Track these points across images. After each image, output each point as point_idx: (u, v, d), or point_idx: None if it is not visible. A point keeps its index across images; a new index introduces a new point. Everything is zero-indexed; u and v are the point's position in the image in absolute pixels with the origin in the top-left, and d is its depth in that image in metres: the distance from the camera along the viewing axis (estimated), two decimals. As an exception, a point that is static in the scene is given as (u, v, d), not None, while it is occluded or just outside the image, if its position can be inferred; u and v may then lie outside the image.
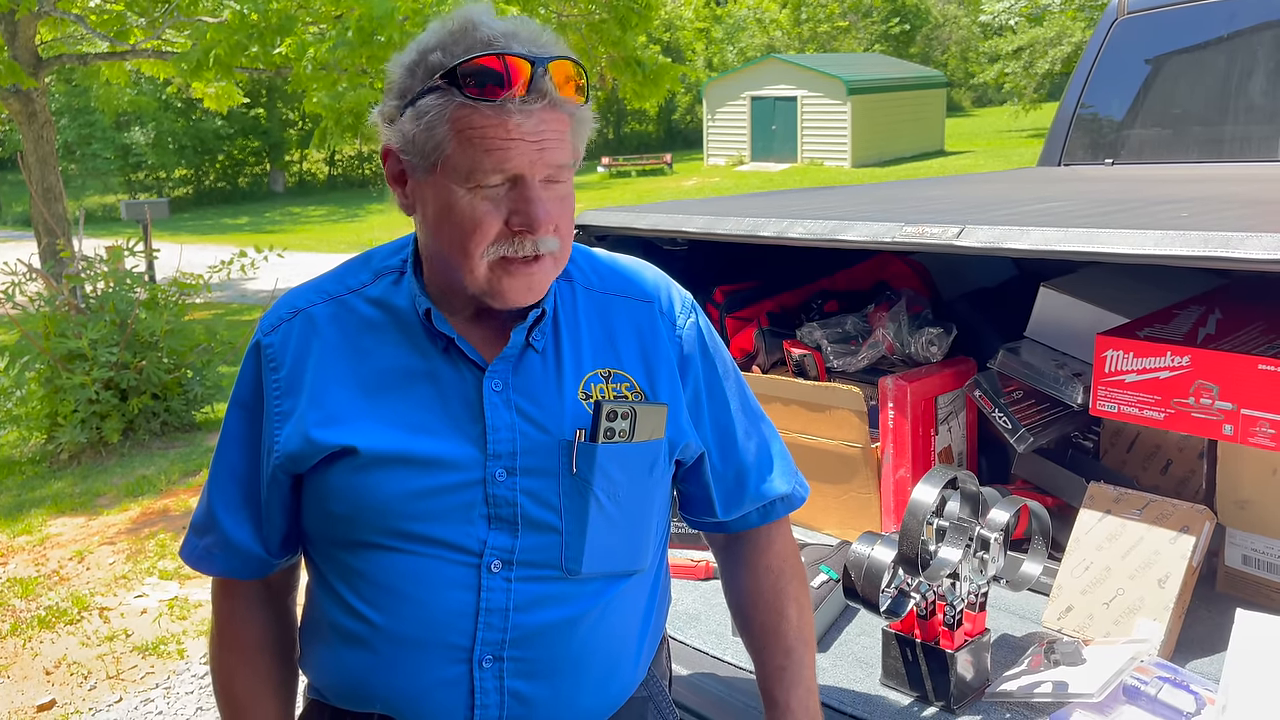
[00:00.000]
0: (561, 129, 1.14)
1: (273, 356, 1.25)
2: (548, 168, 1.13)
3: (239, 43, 8.64)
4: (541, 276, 1.18)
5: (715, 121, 26.63)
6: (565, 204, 1.17)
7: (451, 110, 1.11)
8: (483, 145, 1.11)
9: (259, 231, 19.42)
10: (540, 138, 1.12)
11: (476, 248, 1.14)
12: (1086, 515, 1.77)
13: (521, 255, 1.15)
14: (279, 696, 1.34)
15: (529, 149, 1.11)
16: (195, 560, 1.31)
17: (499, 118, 1.10)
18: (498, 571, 1.19)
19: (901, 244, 1.73)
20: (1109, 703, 1.45)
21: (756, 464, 1.37)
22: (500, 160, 1.11)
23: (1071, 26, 23.89)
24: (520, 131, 1.10)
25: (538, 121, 1.11)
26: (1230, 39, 3.11)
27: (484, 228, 1.13)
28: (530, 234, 1.14)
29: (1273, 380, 1.60)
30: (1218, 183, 2.49)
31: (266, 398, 1.24)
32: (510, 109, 1.10)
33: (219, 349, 7.13)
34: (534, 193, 1.13)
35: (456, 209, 1.14)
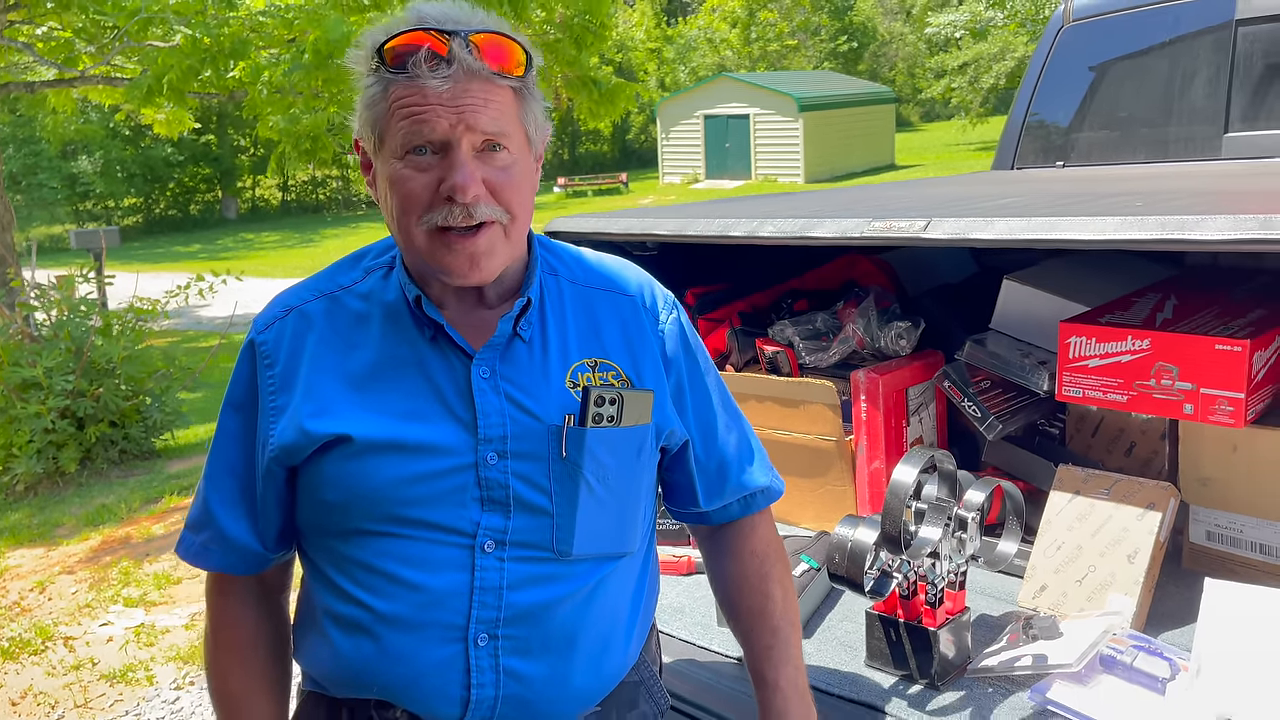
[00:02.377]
0: (490, 98, 1.17)
1: (267, 354, 1.27)
2: (475, 134, 1.16)
3: (191, 67, 8.56)
4: (486, 248, 1.19)
5: (669, 140, 26.83)
6: (509, 173, 1.20)
7: (385, 89, 1.17)
8: (403, 114, 1.16)
9: (212, 258, 19.21)
10: (459, 104, 1.15)
11: (410, 216, 1.18)
12: (1056, 497, 1.82)
13: (456, 225, 1.17)
14: (273, 694, 1.34)
15: (447, 114, 1.15)
16: (192, 556, 1.32)
17: (415, 86, 1.15)
18: (491, 551, 1.22)
19: (870, 238, 1.78)
20: (1087, 672, 1.49)
21: (737, 456, 1.41)
22: (418, 126, 1.15)
23: (1014, 41, 24.45)
24: (438, 98, 1.15)
25: (459, 90, 1.15)
26: (1172, 44, 3.22)
27: (414, 195, 1.17)
28: (457, 199, 1.16)
29: (1230, 359, 1.67)
30: (1165, 179, 2.58)
31: (261, 394, 1.26)
32: (420, 75, 1.14)
33: (178, 375, 7.03)
34: (458, 157, 1.16)
35: (392, 181, 1.19)
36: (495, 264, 1.22)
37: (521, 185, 1.22)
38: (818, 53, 37.89)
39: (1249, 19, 2.99)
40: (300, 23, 8.56)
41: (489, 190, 1.18)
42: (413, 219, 1.18)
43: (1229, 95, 3.07)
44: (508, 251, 1.23)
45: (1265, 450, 1.74)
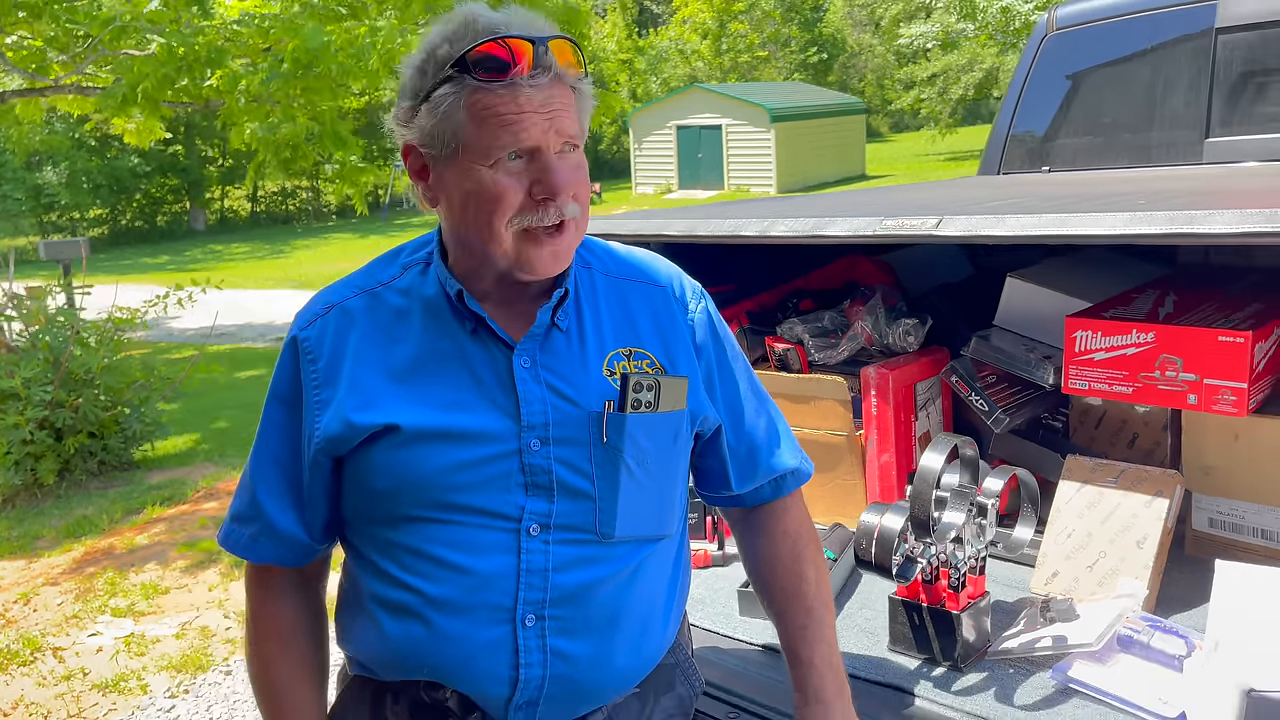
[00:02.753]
0: (568, 101, 1.23)
1: (310, 349, 1.30)
2: (560, 137, 1.21)
3: (167, 76, 8.51)
4: (566, 244, 1.25)
5: (642, 151, 26.92)
6: (580, 172, 1.25)
7: (465, 96, 1.20)
8: (498, 122, 1.19)
9: (180, 270, 18.98)
10: (550, 109, 1.20)
11: (501, 220, 1.21)
12: (1065, 486, 1.88)
13: (545, 224, 1.22)
14: (315, 681, 1.37)
15: (540, 120, 1.19)
16: (242, 549, 1.34)
17: (510, 94, 1.19)
18: (536, 535, 1.25)
19: (883, 237, 1.83)
20: (1105, 652, 1.54)
21: (766, 440, 1.45)
22: (516, 133, 1.19)
23: (982, 53, 24.83)
24: (532, 105, 1.19)
25: (546, 95, 1.20)
26: (1154, 51, 3.32)
27: (508, 199, 1.21)
28: (552, 201, 1.21)
29: (1232, 351, 1.73)
30: (1153, 181, 2.66)
31: (305, 388, 1.29)
32: (519, 84, 1.18)
33: (157, 385, 6.97)
34: (551, 161, 1.21)
35: (480, 186, 1.21)
36: (570, 258, 1.28)
37: (588, 181, 1.28)
38: (788, 64, 38.24)
39: (1228, 27, 3.09)
40: (276, 31, 8.54)
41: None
42: (503, 221, 1.21)
43: (1209, 102, 3.16)
44: (576, 244, 1.29)
45: (1266, 438, 1.80)
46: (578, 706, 1.30)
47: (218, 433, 7.71)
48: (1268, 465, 1.81)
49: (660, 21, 44.01)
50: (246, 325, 12.79)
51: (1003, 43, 15.08)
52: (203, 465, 6.81)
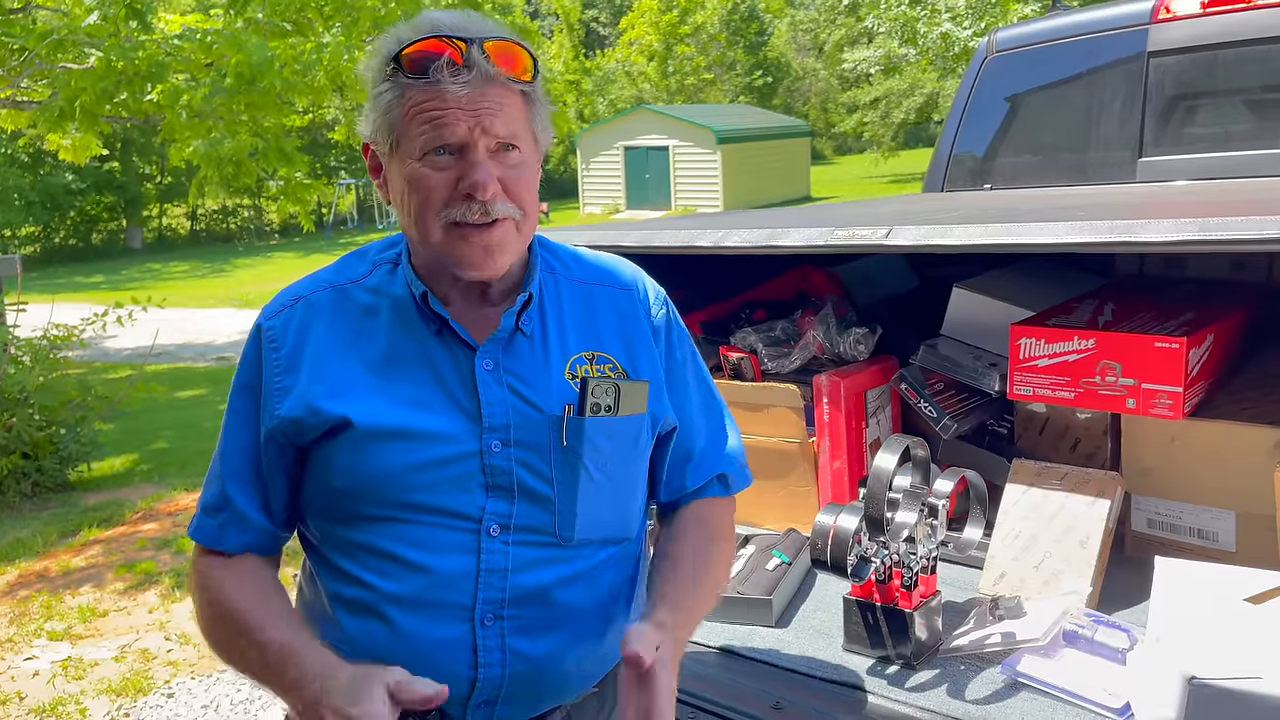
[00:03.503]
0: (504, 101, 1.23)
1: (273, 338, 1.31)
2: (491, 137, 1.23)
3: (105, 90, 8.36)
4: (500, 241, 1.25)
5: (590, 171, 27.02)
6: (520, 172, 1.26)
7: (402, 93, 1.23)
8: (424, 118, 1.22)
9: (116, 289, 18.56)
10: (476, 108, 1.21)
11: (429, 211, 1.23)
12: (1012, 489, 1.93)
13: (473, 220, 1.23)
14: (288, 602, 1.31)
15: (465, 117, 1.21)
16: (210, 538, 1.33)
17: (435, 91, 1.21)
18: (496, 535, 1.27)
19: (835, 247, 1.87)
20: (1052, 647, 1.59)
21: (703, 454, 1.46)
22: (439, 129, 1.21)
23: (923, 77, 25.41)
24: (457, 102, 1.21)
25: (476, 94, 1.21)
26: (1089, 74, 3.44)
27: (435, 192, 1.23)
28: (475, 196, 1.22)
29: (1168, 356, 1.80)
30: (1090, 197, 2.76)
31: (266, 375, 1.30)
32: (442, 81, 1.20)
33: (94, 405, 6.81)
34: (476, 158, 1.22)
35: (410, 180, 1.24)
36: (507, 258, 1.28)
37: (531, 184, 1.29)
38: (734, 87, 38.71)
39: (1159, 51, 3.21)
40: (219, 47, 8.43)
41: (503, 188, 1.24)
42: (431, 214, 1.23)
43: (1142, 123, 3.28)
44: (518, 247, 1.29)
45: (1201, 441, 1.87)
46: (537, 705, 1.31)
47: (157, 453, 7.55)
48: (1203, 467, 1.88)
49: (607, 43, 44.34)
50: (186, 345, 12.55)
51: (943, 68, 15.46)
52: (141, 486, 6.65)
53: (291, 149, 8.53)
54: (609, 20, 46.42)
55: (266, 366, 1.30)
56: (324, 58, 8.08)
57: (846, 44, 27.32)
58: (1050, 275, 2.34)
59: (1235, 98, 3.28)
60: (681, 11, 37.01)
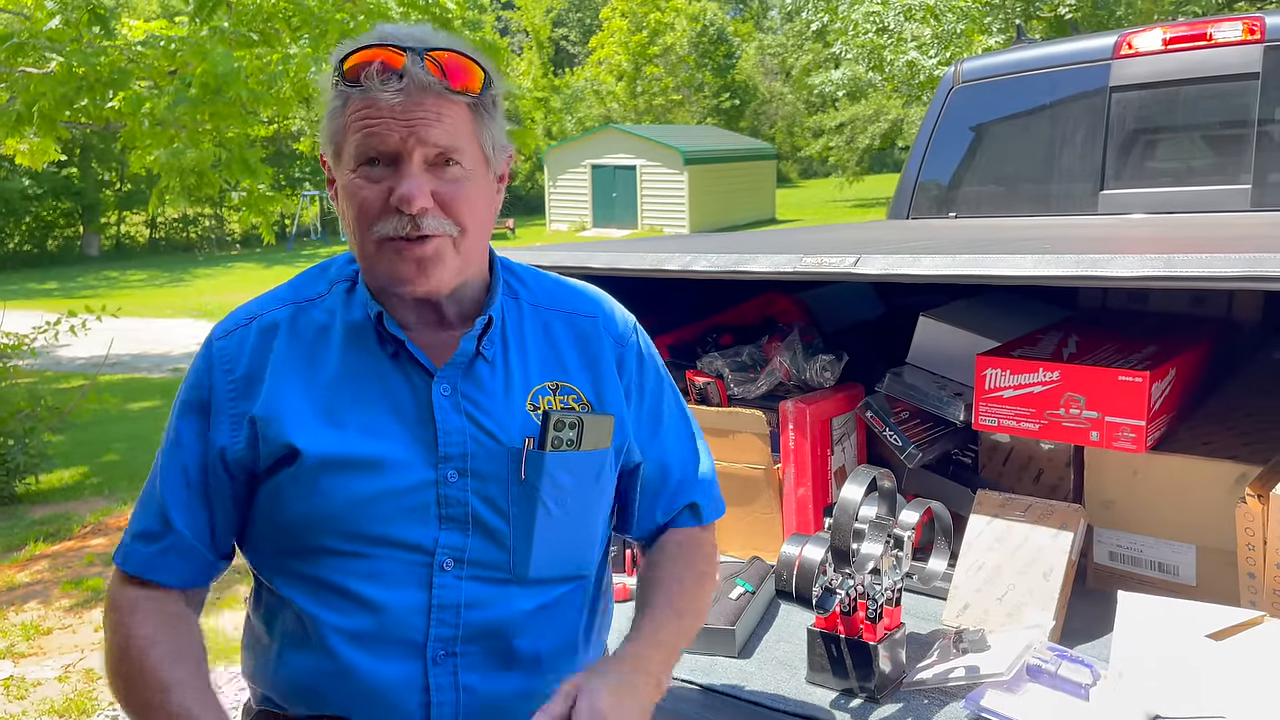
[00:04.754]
0: (444, 113, 1.19)
1: (227, 359, 1.26)
2: (426, 147, 1.18)
3: (65, 96, 8.22)
4: (434, 255, 1.20)
5: (556, 188, 27.02)
6: (459, 187, 1.21)
7: (344, 102, 1.20)
8: (358, 126, 1.19)
9: (71, 297, 18.19)
10: (410, 118, 1.17)
11: (362, 225, 1.20)
12: (976, 520, 1.93)
13: (404, 234, 1.18)
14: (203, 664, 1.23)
15: (398, 126, 1.17)
16: (144, 567, 1.25)
17: (368, 99, 1.18)
18: (449, 569, 1.23)
19: (803, 274, 1.86)
20: (1016, 682, 1.58)
21: (676, 483, 1.43)
22: (368, 138, 1.18)
23: (888, 104, 25.75)
24: (390, 111, 1.17)
25: (411, 104, 1.17)
26: (1053, 106, 3.48)
27: (367, 205, 1.19)
28: (404, 210, 1.17)
29: (1132, 390, 1.81)
30: (1054, 229, 2.78)
31: (218, 398, 1.25)
32: (371, 88, 1.17)
33: (44, 415, 6.65)
34: (407, 169, 1.18)
35: (346, 191, 1.21)
36: (445, 275, 1.22)
37: (473, 199, 1.23)
38: (701, 108, 38.97)
39: (1121, 86, 3.27)
40: (183, 55, 8.33)
41: (439, 203, 1.19)
42: (365, 228, 1.20)
43: (1104, 156, 3.33)
44: (458, 264, 1.23)
45: (1163, 474, 1.88)
46: None
47: (108, 466, 7.39)
48: (1165, 500, 1.89)
49: (576, 62, 44.48)
50: (141, 355, 12.32)
51: (908, 95, 15.68)
52: (90, 499, 6.50)
53: (255, 160, 8.42)
54: (579, 39, 46.60)
55: (218, 390, 1.25)
56: (290, 69, 8.00)
57: (814, 69, 27.63)
58: (1016, 306, 2.35)
59: (1195, 133, 3.34)
60: (651, 32, 37.25)
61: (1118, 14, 11.21)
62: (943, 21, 12.31)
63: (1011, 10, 11.56)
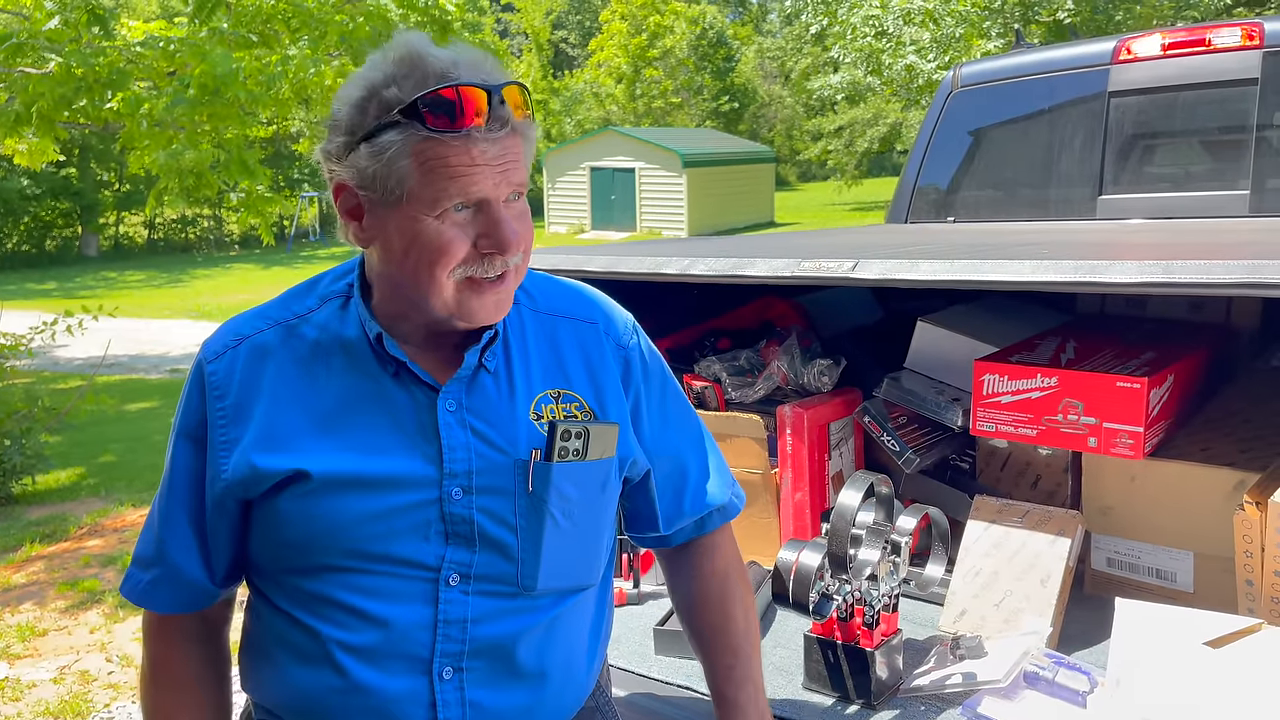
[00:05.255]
0: (520, 151, 1.18)
1: (217, 384, 1.24)
2: (511, 188, 1.17)
3: (64, 96, 8.21)
4: (507, 292, 1.21)
5: (555, 190, 27.02)
6: (525, 220, 1.21)
7: (413, 143, 1.12)
8: (448, 174, 1.13)
9: (69, 297, 18.17)
10: (503, 162, 1.15)
11: (444, 271, 1.16)
12: (973, 525, 1.92)
13: (490, 275, 1.18)
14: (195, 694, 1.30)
15: (493, 173, 1.14)
16: (139, 596, 1.27)
17: (464, 146, 1.12)
18: (455, 585, 1.21)
19: (800, 278, 1.86)
20: (1013, 689, 1.57)
21: (695, 479, 1.43)
22: (466, 187, 1.13)
23: (886, 107, 25.78)
24: (485, 158, 1.13)
25: (501, 147, 1.14)
26: (1052, 111, 3.49)
27: (452, 251, 1.15)
28: (500, 255, 1.17)
29: (1130, 396, 1.81)
30: (1053, 234, 2.78)
31: (211, 426, 1.23)
32: (476, 137, 1.12)
33: (41, 416, 6.64)
34: (500, 214, 1.16)
35: (424, 236, 1.15)
36: (511, 303, 1.24)
37: (531, 227, 1.23)
38: (700, 111, 39.00)
39: (1120, 91, 3.27)
40: (182, 56, 8.33)
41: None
42: (445, 271, 1.16)
43: (1102, 161, 3.33)
44: (516, 286, 1.25)
45: (1161, 481, 1.88)
46: None
47: (104, 466, 7.37)
48: (1163, 507, 1.88)
49: (576, 64, 44.49)
50: (139, 356, 12.31)
51: (906, 99, 15.70)
52: (87, 500, 6.49)
53: (254, 161, 8.42)
54: (578, 41, 46.63)
55: (211, 417, 1.23)
56: (289, 71, 7.99)
57: (813, 72, 27.67)
58: (1014, 311, 2.35)
59: (1193, 139, 3.34)
60: (650, 35, 37.27)
61: (1116, 19, 11.22)
62: (941, 26, 12.32)
63: (1010, 15, 11.57)
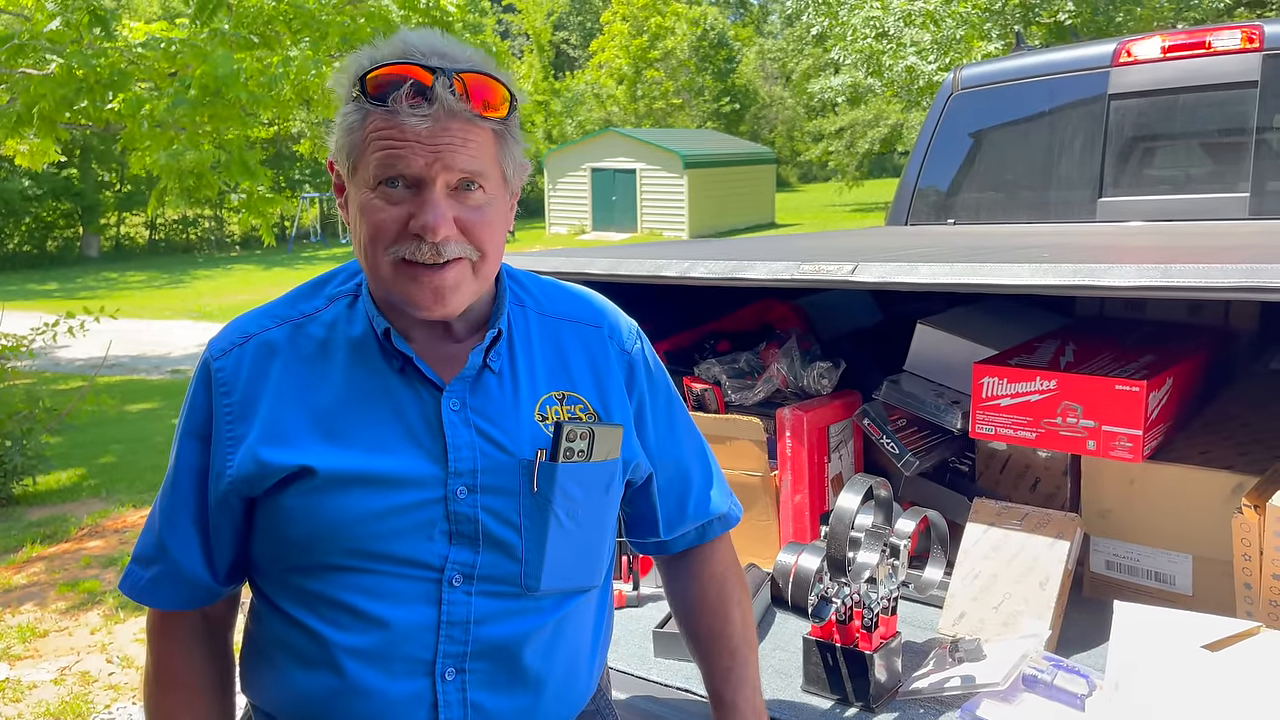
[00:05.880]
0: (470, 138, 1.16)
1: (224, 381, 1.24)
2: (451, 173, 1.15)
3: (65, 97, 8.22)
4: (453, 283, 1.18)
5: (556, 191, 27.04)
6: (481, 212, 1.19)
7: (363, 116, 1.16)
8: (380, 146, 1.15)
9: (71, 298, 18.18)
10: (437, 143, 1.14)
11: (377, 246, 1.17)
12: (973, 528, 1.92)
13: (423, 260, 1.16)
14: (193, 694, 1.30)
15: (424, 151, 1.14)
16: (140, 593, 1.28)
17: (393, 121, 1.14)
18: (458, 585, 1.21)
19: (800, 281, 1.86)
20: (1011, 692, 1.58)
21: (697, 486, 1.44)
22: (393, 161, 1.14)
23: (887, 109, 25.78)
24: (416, 135, 1.14)
25: (438, 129, 1.14)
26: (1052, 114, 3.49)
27: (384, 227, 1.16)
28: (425, 238, 1.15)
29: (1129, 399, 1.81)
30: (1053, 236, 2.78)
31: (217, 422, 1.23)
32: (399, 111, 1.13)
33: (42, 417, 6.65)
34: (430, 196, 1.15)
35: (363, 209, 1.18)
36: (461, 299, 1.21)
37: (494, 224, 1.21)
38: (701, 112, 39.01)
39: (1120, 94, 3.27)
40: (183, 57, 8.33)
41: (460, 229, 1.17)
42: (380, 249, 1.17)
43: (1102, 163, 3.34)
44: (474, 288, 1.22)
45: (1160, 484, 1.88)
46: None
47: (105, 467, 7.38)
48: (1161, 510, 1.88)
49: (577, 65, 44.51)
50: (140, 356, 12.32)
51: (907, 100, 15.71)
52: (88, 501, 6.50)
53: (255, 162, 8.42)
54: (579, 42, 46.65)
55: (217, 414, 1.23)
56: (290, 71, 7.99)
57: (814, 73, 27.67)
58: (1013, 314, 2.36)
59: (1193, 141, 3.34)
60: (652, 36, 37.29)
61: (1117, 21, 11.23)
62: (942, 27, 12.32)
63: (1011, 16, 11.57)
